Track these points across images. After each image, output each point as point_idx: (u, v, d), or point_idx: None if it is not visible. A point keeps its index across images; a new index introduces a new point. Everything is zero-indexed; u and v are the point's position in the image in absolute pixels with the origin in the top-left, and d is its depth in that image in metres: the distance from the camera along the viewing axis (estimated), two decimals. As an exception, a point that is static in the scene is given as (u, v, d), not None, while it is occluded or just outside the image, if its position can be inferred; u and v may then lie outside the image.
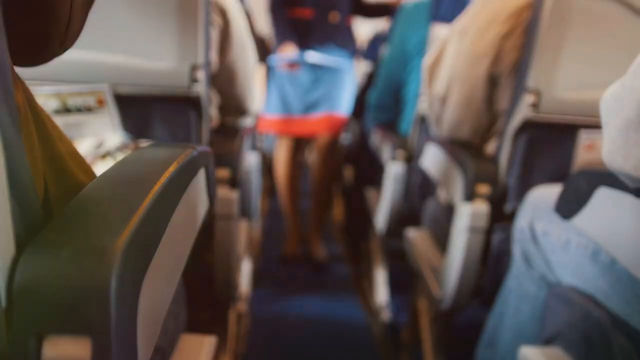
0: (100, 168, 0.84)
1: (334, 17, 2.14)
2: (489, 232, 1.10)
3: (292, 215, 2.38)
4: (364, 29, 3.34)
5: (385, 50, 2.01)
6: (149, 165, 0.49)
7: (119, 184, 0.44)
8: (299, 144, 2.34)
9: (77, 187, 0.48)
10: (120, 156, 0.90)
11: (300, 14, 2.11)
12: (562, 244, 0.81)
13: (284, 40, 2.10)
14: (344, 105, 2.23)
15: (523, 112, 1.06)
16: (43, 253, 0.33)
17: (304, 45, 2.11)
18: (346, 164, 2.52)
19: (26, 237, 0.35)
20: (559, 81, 1.04)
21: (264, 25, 2.47)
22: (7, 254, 0.33)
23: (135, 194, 0.41)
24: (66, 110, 0.96)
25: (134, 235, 0.36)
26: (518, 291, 0.97)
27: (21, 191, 0.35)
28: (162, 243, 0.44)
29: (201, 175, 0.63)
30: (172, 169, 0.48)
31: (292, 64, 2.12)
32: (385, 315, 1.82)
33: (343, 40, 2.18)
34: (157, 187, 0.43)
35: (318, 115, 2.20)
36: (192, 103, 1.05)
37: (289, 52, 2.08)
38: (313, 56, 2.09)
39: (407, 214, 1.71)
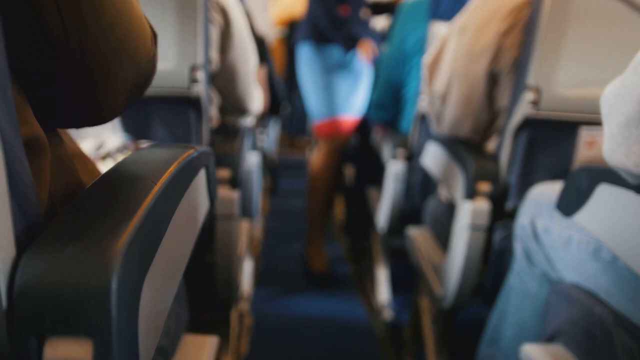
0: (100, 169, 0.84)
1: (366, 13, 2.12)
2: (490, 230, 1.10)
3: (322, 229, 2.28)
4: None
5: (384, 49, 2.00)
6: (149, 166, 0.49)
7: (120, 185, 0.44)
8: (340, 147, 2.22)
9: (80, 188, 0.48)
10: (120, 157, 0.90)
11: (343, 12, 2.08)
12: (564, 241, 0.81)
13: (349, 36, 2.04)
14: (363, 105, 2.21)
15: (523, 109, 1.06)
16: (44, 254, 0.33)
17: (347, 42, 2.06)
18: (347, 163, 2.52)
19: (27, 238, 0.35)
20: (559, 78, 1.04)
21: (263, 25, 2.45)
22: (8, 255, 0.33)
23: (136, 195, 0.41)
24: (66, 111, 0.96)
25: (135, 236, 0.36)
26: (520, 289, 0.97)
27: (21, 193, 0.35)
28: (163, 244, 0.44)
29: (202, 176, 0.63)
30: (172, 169, 0.48)
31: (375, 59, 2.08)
32: (387, 313, 1.82)
33: (370, 36, 2.15)
34: (157, 188, 0.43)
35: (356, 115, 2.17)
36: (192, 103, 1.05)
37: (373, 49, 2.05)
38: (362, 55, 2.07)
39: (408, 212, 1.71)
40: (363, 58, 2.05)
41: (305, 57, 2.13)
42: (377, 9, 2.36)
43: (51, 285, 0.32)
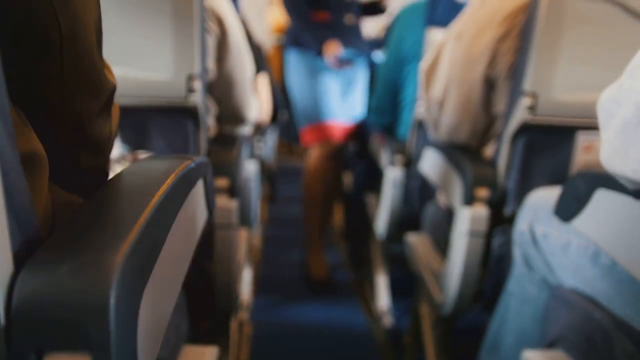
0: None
1: (350, 19, 2.11)
2: (489, 235, 1.10)
3: (321, 235, 2.26)
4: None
5: (383, 55, 2.01)
6: (147, 178, 0.49)
7: (117, 198, 0.44)
8: (333, 152, 2.20)
9: (78, 201, 0.48)
10: (118, 168, 0.90)
11: (320, 18, 2.07)
12: (562, 246, 0.81)
13: (324, 41, 2.03)
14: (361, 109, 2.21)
15: (520, 115, 1.06)
16: (41, 269, 0.33)
17: (318, 46, 2.05)
18: (345, 170, 2.52)
19: (24, 253, 0.35)
20: (556, 83, 1.04)
21: (260, 32, 2.45)
22: (6, 271, 0.33)
23: (133, 208, 0.41)
24: (64, 122, 0.96)
25: (133, 249, 0.36)
26: (519, 294, 0.97)
27: (19, 208, 0.35)
28: (162, 255, 0.44)
29: (199, 186, 0.63)
30: (170, 181, 0.48)
31: (343, 62, 2.06)
32: (387, 320, 1.82)
33: (358, 42, 2.14)
34: (155, 200, 0.43)
35: (350, 120, 2.16)
36: (190, 113, 1.05)
37: (336, 50, 2.02)
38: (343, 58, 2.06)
39: (407, 218, 1.71)
40: (327, 59, 2.04)
41: (292, 63, 2.14)
42: (368, 10, 2.36)
43: (49, 300, 0.32)
